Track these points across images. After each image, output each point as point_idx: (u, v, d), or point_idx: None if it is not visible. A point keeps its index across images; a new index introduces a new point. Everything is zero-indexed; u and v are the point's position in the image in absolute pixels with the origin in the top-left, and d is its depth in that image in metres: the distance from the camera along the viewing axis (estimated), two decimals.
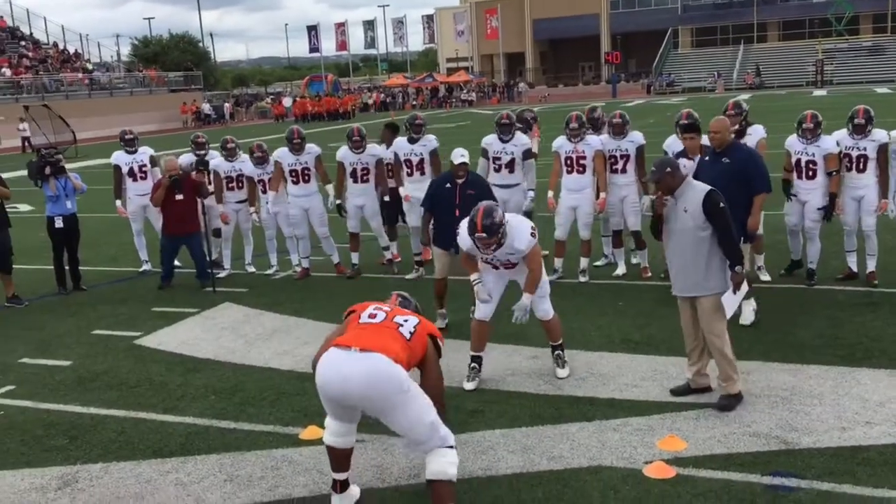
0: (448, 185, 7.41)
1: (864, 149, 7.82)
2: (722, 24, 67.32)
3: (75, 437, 5.55)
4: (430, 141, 9.27)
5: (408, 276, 9.36)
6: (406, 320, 4.37)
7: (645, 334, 6.95)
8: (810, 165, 7.94)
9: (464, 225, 5.76)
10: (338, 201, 9.45)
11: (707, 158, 6.83)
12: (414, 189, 9.18)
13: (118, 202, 10.35)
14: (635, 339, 6.86)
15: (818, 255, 8.14)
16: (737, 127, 7.89)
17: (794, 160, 8.05)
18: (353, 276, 9.54)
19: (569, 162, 8.62)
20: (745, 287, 5.45)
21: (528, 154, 8.92)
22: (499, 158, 8.91)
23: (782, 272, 8.44)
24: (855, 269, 8.23)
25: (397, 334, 4.23)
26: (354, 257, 9.65)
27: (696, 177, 6.89)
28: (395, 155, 9.39)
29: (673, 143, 8.25)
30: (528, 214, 9.24)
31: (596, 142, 8.60)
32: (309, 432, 5.34)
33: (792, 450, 4.76)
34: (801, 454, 4.70)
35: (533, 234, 5.69)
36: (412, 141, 9.28)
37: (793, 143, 8.07)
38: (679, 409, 5.40)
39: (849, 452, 4.69)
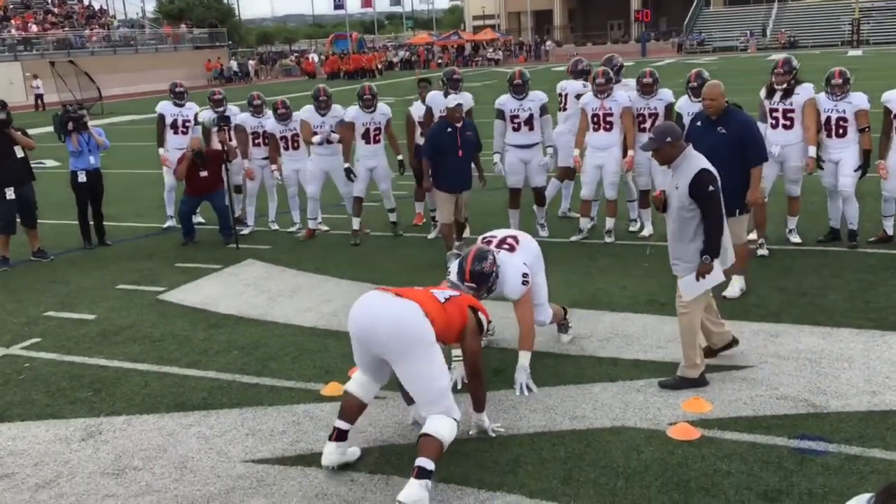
0: (449, 129, 7.75)
1: None
2: None
3: (99, 390, 5.59)
4: (466, 99, 9.05)
5: (429, 236, 9.29)
6: (443, 292, 4.42)
7: (671, 296, 6.76)
8: (840, 122, 7.72)
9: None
10: (346, 164, 9.18)
11: (699, 124, 6.55)
12: None
13: (161, 150, 10.30)
14: (661, 300, 6.75)
15: (857, 215, 7.90)
16: (785, 85, 7.68)
17: (823, 119, 7.83)
18: (356, 243, 9.21)
19: (595, 119, 8.43)
20: (714, 277, 5.04)
21: (544, 110, 8.74)
22: (517, 117, 8.70)
23: (820, 239, 8.20)
24: (890, 232, 8.03)
25: (433, 296, 4.30)
26: (356, 223, 9.30)
27: (688, 141, 6.73)
28: (429, 109, 9.10)
29: (686, 105, 8.05)
30: (547, 169, 9.14)
31: (624, 98, 8.38)
32: (330, 388, 5.33)
33: (820, 413, 4.67)
34: (829, 418, 4.61)
35: (525, 282, 5.22)
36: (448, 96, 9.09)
37: (821, 100, 7.84)
38: (704, 371, 5.30)
39: (879, 417, 4.59)
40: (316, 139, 9.18)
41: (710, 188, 4.88)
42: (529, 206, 9.24)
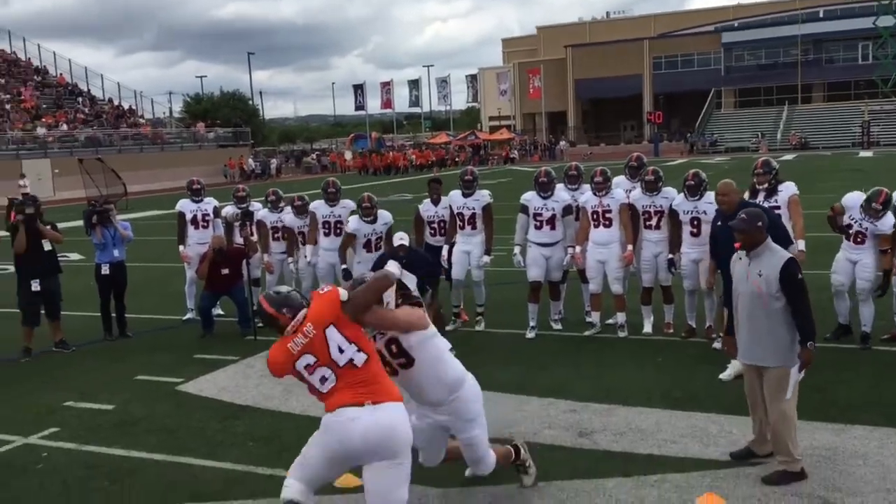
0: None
1: None
2: (765, 86, 67.37)
3: (116, 480, 5.63)
4: (483, 196, 9.29)
5: (447, 328, 9.37)
6: (341, 350, 4.13)
7: (685, 390, 6.87)
8: (860, 235, 7.86)
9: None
10: (344, 266, 9.26)
11: (720, 224, 6.67)
12: (464, 243, 9.25)
13: (181, 247, 10.60)
14: (675, 395, 6.77)
15: (872, 317, 7.89)
16: (766, 185, 7.90)
17: (845, 222, 7.94)
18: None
19: (595, 216, 8.64)
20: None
21: (567, 210, 8.95)
22: (540, 215, 8.89)
23: (828, 336, 8.16)
24: None
25: (362, 367, 4.15)
26: None
27: (715, 244, 6.83)
28: (450, 208, 9.36)
29: (682, 203, 8.28)
30: (565, 272, 9.24)
31: (621, 195, 8.64)
32: (344, 479, 5.32)
33: None
34: None
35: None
36: (466, 195, 9.32)
37: (853, 206, 7.94)
38: (719, 467, 5.30)
39: None
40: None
41: (800, 276, 4.97)
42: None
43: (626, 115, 72.50)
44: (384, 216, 9.36)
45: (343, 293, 4.20)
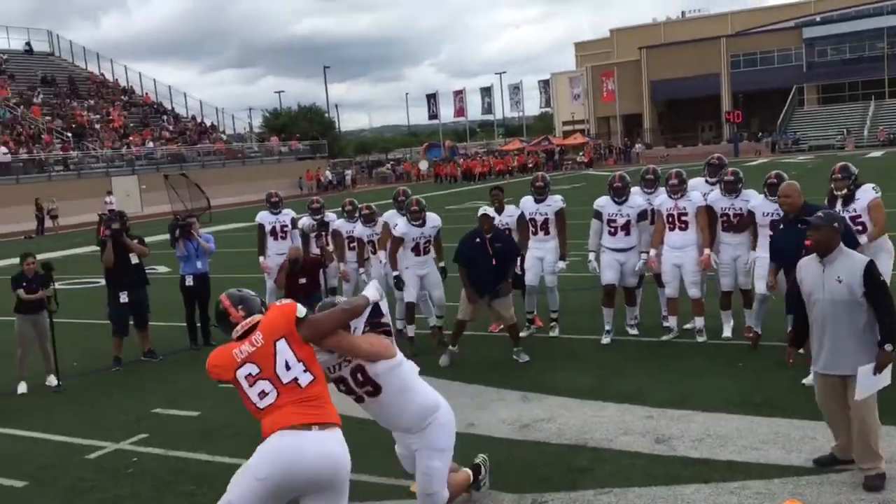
0: (478, 239, 8.09)
1: None
2: (850, 81, 65.06)
3: (201, 484, 5.84)
4: (555, 201, 9.26)
5: (521, 334, 9.36)
6: (288, 366, 3.95)
7: (765, 396, 6.70)
8: None
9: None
10: (395, 273, 9.06)
11: (782, 227, 6.45)
12: (537, 249, 9.21)
13: (261, 258, 10.91)
14: (755, 400, 6.62)
15: None
16: (844, 191, 7.57)
17: None
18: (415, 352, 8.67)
19: (670, 219, 8.50)
20: (888, 373, 4.85)
21: (642, 216, 8.84)
22: (614, 221, 8.78)
23: None
24: None
25: (306, 388, 3.97)
26: (410, 330, 9.23)
27: (775, 246, 6.64)
28: (521, 214, 9.33)
29: (762, 204, 7.96)
30: (640, 277, 9.12)
31: (697, 198, 8.46)
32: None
33: None
34: None
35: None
36: (538, 201, 9.28)
37: None
38: (801, 474, 5.17)
39: None
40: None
41: (882, 277, 4.86)
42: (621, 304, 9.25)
43: (704, 116, 70.96)
44: (433, 219, 9.25)
45: (301, 310, 4.01)
